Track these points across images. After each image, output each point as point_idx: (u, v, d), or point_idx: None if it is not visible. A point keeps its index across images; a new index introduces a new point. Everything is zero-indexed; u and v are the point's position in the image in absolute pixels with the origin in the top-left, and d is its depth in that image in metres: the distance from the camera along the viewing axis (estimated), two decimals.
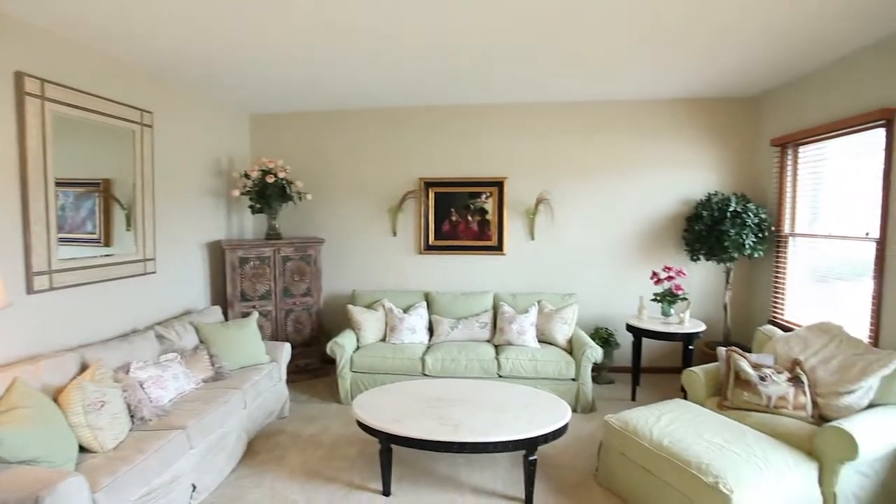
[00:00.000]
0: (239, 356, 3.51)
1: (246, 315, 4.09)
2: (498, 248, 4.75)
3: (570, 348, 3.97)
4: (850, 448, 2.17)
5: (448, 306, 4.42)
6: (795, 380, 2.65)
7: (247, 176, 4.39)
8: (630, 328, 4.02)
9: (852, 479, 2.27)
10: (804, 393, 2.60)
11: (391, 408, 2.84)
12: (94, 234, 3.17)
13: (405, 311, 4.36)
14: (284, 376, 3.75)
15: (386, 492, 2.68)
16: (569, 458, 3.07)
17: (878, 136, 3.01)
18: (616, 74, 3.72)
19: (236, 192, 4.33)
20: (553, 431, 2.62)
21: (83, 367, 2.57)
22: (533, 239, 4.72)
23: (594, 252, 4.66)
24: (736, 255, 3.95)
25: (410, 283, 4.87)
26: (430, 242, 4.83)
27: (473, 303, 4.41)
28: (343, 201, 4.93)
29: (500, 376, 3.80)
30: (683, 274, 4.04)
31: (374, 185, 4.88)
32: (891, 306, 2.87)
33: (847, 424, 2.24)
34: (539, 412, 2.78)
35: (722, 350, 2.97)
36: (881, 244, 2.95)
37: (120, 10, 2.51)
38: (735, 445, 2.32)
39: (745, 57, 3.31)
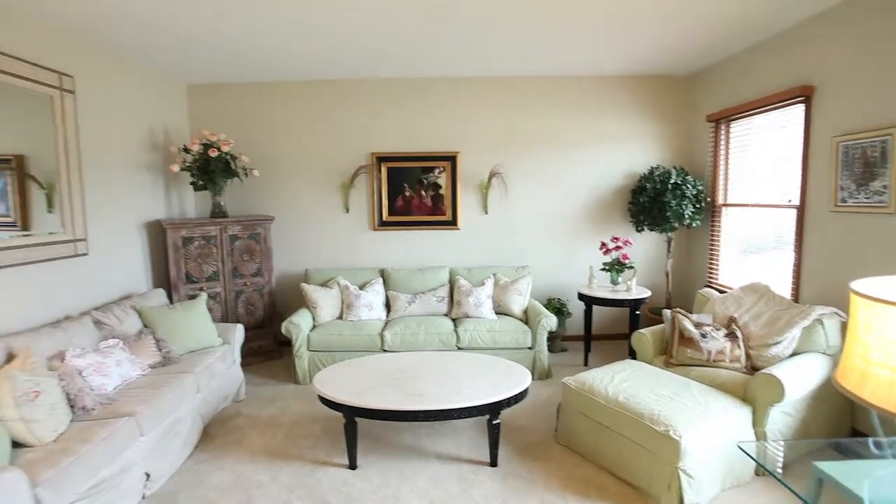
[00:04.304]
0: (188, 340, 3.34)
1: (193, 297, 3.88)
2: (452, 223, 4.77)
3: (526, 318, 4.10)
4: (778, 392, 2.40)
5: (404, 282, 4.41)
6: (731, 335, 2.89)
7: (186, 150, 4.10)
8: (581, 297, 4.19)
9: (779, 419, 2.53)
10: (739, 346, 2.85)
11: (354, 382, 2.82)
12: (8, 217, 2.84)
13: (361, 287, 4.30)
14: (238, 358, 3.61)
15: (352, 465, 2.68)
16: (528, 421, 3.19)
17: (799, 110, 3.28)
18: (565, 50, 3.78)
19: (176, 168, 4.04)
20: (515, 395, 2.71)
21: (9, 357, 2.34)
22: (486, 213, 4.77)
23: (546, 225, 4.79)
24: (677, 224, 4.20)
25: (365, 259, 4.81)
26: (384, 218, 4.76)
27: (429, 277, 4.43)
28: (292, 177, 4.74)
29: (459, 348, 3.86)
30: (630, 243, 4.26)
31: (325, 161, 4.72)
32: (809, 265, 3.18)
33: (775, 371, 2.48)
34: (500, 378, 2.86)
35: (668, 312, 3.17)
36: (801, 210, 3.25)
37: None
38: (681, 397, 2.51)
39: (682, 37, 3.48)
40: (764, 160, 3.75)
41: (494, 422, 2.65)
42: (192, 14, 2.94)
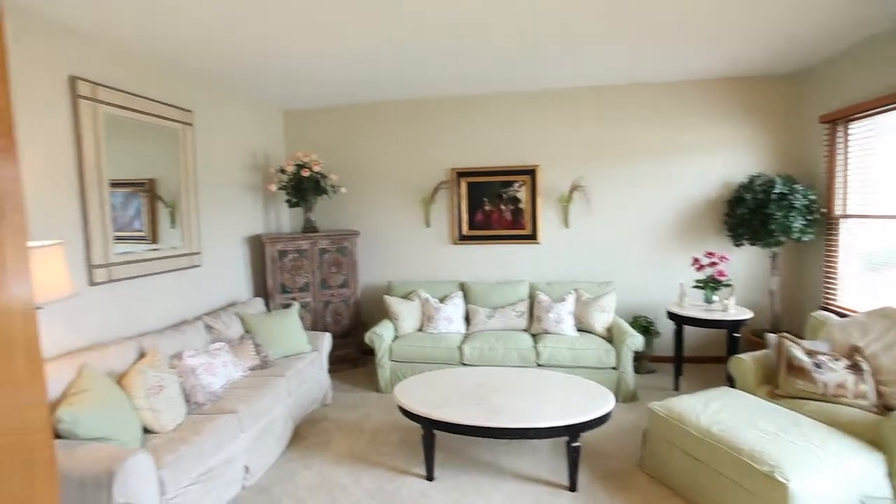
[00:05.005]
0: (282, 345, 3.61)
1: (286, 306, 4.20)
2: (532, 237, 4.71)
3: (610, 337, 3.92)
4: None
5: (484, 296, 4.42)
6: (855, 367, 2.53)
7: (282, 171, 4.49)
8: (672, 316, 3.92)
9: None
10: (865, 381, 2.49)
11: (433, 394, 2.87)
12: (141, 231, 3.30)
13: (441, 300, 4.39)
14: (326, 365, 3.84)
15: (429, 476, 2.72)
16: (612, 446, 3.04)
17: None
18: (654, 55, 3.60)
19: (273, 187, 4.44)
20: (597, 418, 2.59)
21: (141, 355, 2.70)
22: (567, 227, 4.65)
23: (631, 239, 4.56)
24: (783, 238, 3.79)
25: (445, 273, 4.89)
26: (464, 232, 4.83)
27: (509, 292, 4.40)
28: (376, 193, 4.98)
29: (538, 365, 3.78)
30: (726, 259, 3.92)
31: (407, 177, 4.91)
32: None
33: None
34: (581, 399, 2.76)
35: (772, 336, 2.87)
36: None
37: (161, 13, 2.58)
38: (790, 434, 2.24)
39: (788, 32, 3.16)
40: (894, 165, 3.27)
41: (574, 444, 2.56)
42: (293, 49, 3.23)
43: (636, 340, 3.63)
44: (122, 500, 1.84)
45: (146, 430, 2.36)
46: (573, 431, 2.55)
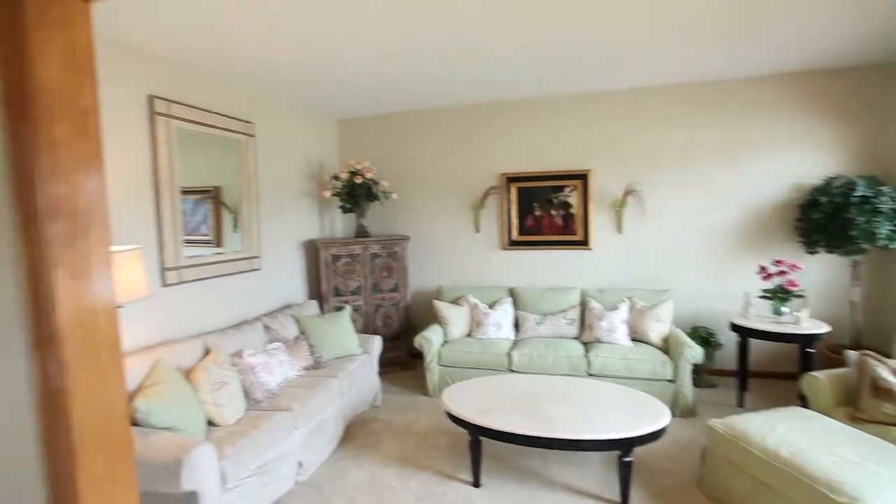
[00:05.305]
0: (334, 347, 3.73)
1: (339, 309, 4.34)
2: (584, 243, 4.59)
3: (666, 347, 3.74)
4: None
5: (533, 302, 4.35)
6: None
7: (336, 178, 4.65)
8: (736, 328, 3.69)
9: None
10: None
11: (480, 401, 2.86)
12: (207, 235, 3.53)
13: (490, 306, 4.37)
14: (376, 367, 3.92)
15: (476, 483, 2.71)
16: (668, 463, 2.89)
17: None
18: (721, 50, 3.40)
19: (327, 194, 4.61)
20: (650, 433, 2.48)
21: (206, 352, 2.88)
22: (621, 232, 4.50)
23: (690, 245, 4.34)
24: (866, 246, 3.47)
25: (495, 278, 4.87)
26: (514, 238, 4.79)
27: (559, 298, 4.31)
28: (427, 199, 5.05)
29: (589, 374, 3.67)
30: (798, 268, 3.63)
31: (456, 183, 4.94)
32: None
33: None
34: (635, 412, 2.65)
35: (853, 353, 2.63)
36: None
37: (224, 36, 2.76)
38: (875, 463, 2.04)
39: (882, 15, 2.88)
40: None
41: (626, 459, 2.46)
42: (355, 68, 3.36)
43: (695, 352, 3.44)
44: (188, 486, 1.97)
45: (209, 423, 2.51)
46: (625, 445, 2.45)
